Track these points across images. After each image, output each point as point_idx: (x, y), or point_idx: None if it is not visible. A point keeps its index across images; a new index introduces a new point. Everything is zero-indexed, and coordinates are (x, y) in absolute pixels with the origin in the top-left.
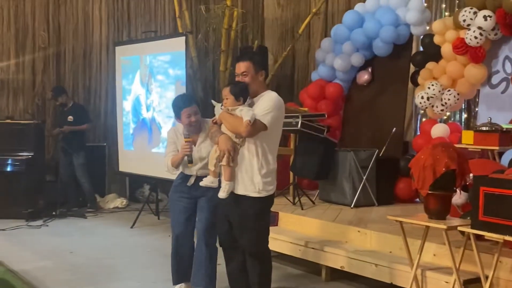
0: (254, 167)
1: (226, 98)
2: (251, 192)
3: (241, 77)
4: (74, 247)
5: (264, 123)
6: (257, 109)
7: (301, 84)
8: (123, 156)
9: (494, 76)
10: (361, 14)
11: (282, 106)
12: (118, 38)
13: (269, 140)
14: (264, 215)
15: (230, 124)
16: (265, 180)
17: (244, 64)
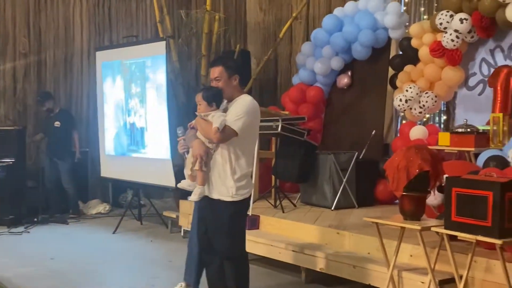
0: (227, 171)
1: (199, 103)
2: (225, 196)
3: (215, 82)
4: (55, 254)
5: (234, 129)
6: (229, 114)
7: (284, 88)
8: (106, 161)
9: (471, 78)
10: (340, 18)
11: (256, 110)
12: (99, 43)
13: (243, 145)
14: (238, 219)
15: (203, 129)
16: (238, 184)
17: (217, 69)
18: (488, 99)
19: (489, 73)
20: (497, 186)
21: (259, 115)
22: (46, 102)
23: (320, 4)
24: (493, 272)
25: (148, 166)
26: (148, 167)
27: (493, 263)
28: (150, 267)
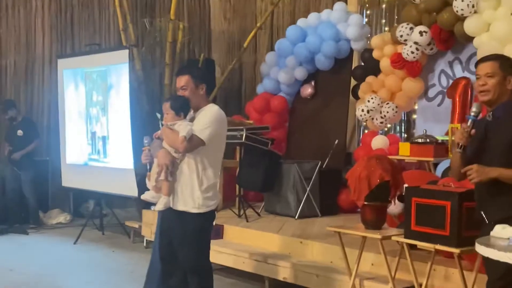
0: (194, 182)
1: (167, 113)
2: (191, 208)
3: (181, 91)
4: (14, 265)
5: (202, 138)
6: (196, 124)
7: (249, 97)
8: (67, 170)
9: (431, 89)
10: (303, 29)
11: (223, 120)
12: (61, 51)
13: (210, 155)
14: (204, 231)
15: (169, 139)
16: (205, 195)
17: (183, 78)
18: (447, 110)
19: (448, 84)
20: (454, 196)
21: (226, 125)
22: (9, 111)
23: (284, 14)
24: (452, 280)
25: (110, 176)
26: (110, 176)
27: (452, 271)
28: (112, 278)
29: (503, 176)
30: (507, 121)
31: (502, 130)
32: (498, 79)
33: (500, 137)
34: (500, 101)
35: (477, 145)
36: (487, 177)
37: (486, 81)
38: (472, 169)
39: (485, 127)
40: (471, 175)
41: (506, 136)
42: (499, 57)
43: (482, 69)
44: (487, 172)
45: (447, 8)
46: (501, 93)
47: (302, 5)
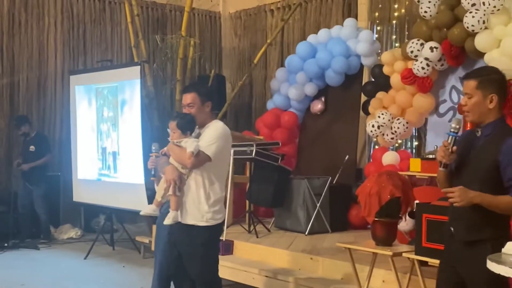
0: (201, 197)
1: (173, 131)
2: (199, 222)
3: (187, 108)
4: (25, 280)
5: (208, 154)
6: (202, 140)
7: (259, 113)
8: (78, 185)
9: (442, 105)
10: (313, 45)
11: (228, 135)
12: (74, 67)
13: (216, 170)
14: (212, 244)
15: (176, 155)
16: (213, 209)
17: (190, 96)
18: None
19: (458, 100)
20: None
21: (230, 140)
22: (22, 127)
23: (294, 30)
24: None
25: (120, 191)
26: (120, 191)
27: None
28: None
29: (484, 203)
30: (495, 141)
31: (488, 148)
32: (476, 99)
33: (485, 155)
34: (487, 119)
35: (461, 159)
36: (469, 202)
37: (466, 102)
38: (455, 192)
39: (472, 142)
40: (453, 198)
41: (491, 155)
42: (479, 75)
43: (464, 87)
44: (470, 197)
45: (458, 24)
46: (483, 112)
47: (312, 21)
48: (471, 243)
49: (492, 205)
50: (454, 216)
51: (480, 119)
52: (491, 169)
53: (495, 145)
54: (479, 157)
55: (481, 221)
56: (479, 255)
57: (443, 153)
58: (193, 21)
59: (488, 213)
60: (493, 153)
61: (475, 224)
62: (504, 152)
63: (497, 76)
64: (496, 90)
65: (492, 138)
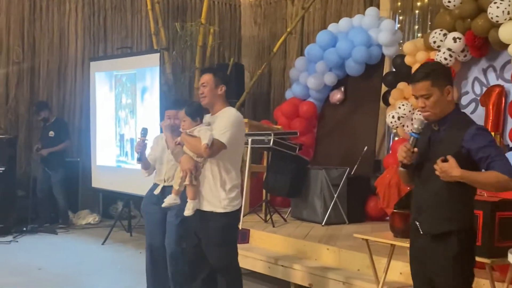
0: (217, 184)
1: (184, 120)
2: (217, 208)
3: (201, 88)
4: (43, 264)
5: (223, 142)
6: (215, 128)
7: (277, 102)
8: (97, 172)
9: (464, 97)
10: (334, 34)
11: (241, 122)
12: (94, 54)
13: (231, 157)
14: (230, 230)
15: (191, 145)
16: (230, 195)
17: (205, 76)
18: (480, 118)
19: (481, 92)
20: (487, 205)
21: (244, 126)
22: (41, 112)
23: (315, 19)
24: None
25: (138, 178)
26: (138, 178)
27: (482, 282)
28: (138, 278)
29: (469, 179)
30: (453, 133)
31: (447, 141)
32: (436, 97)
33: (448, 147)
34: (446, 112)
35: (420, 156)
36: (451, 178)
37: (425, 103)
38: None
39: (430, 137)
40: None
41: (451, 148)
42: (429, 74)
43: (416, 90)
44: (453, 175)
45: (482, 15)
46: (444, 106)
47: (333, 10)
48: (437, 236)
49: (480, 182)
50: (418, 210)
51: (441, 115)
52: (458, 159)
53: (458, 134)
54: (439, 149)
55: (446, 214)
56: (445, 249)
57: (405, 153)
58: (213, 9)
59: (453, 205)
60: (457, 143)
61: (440, 217)
62: (470, 139)
63: (441, 68)
64: (447, 80)
65: (452, 128)
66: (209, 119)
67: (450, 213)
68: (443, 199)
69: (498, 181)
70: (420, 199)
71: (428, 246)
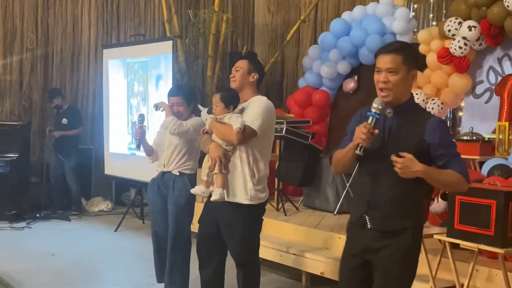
0: (246, 174)
1: (216, 105)
2: (243, 199)
3: (234, 72)
4: (56, 250)
5: (254, 129)
6: (246, 115)
7: (290, 91)
8: (110, 159)
9: (478, 86)
10: (348, 23)
11: (273, 111)
12: (107, 41)
13: (260, 147)
14: (254, 223)
15: (220, 132)
16: (257, 187)
17: (241, 61)
18: (494, 108)
19: (496, 81)
20: (501, 195)
21: (275, 116)
22: (54, 99)
23: (329, 7)
24: (495, 282)
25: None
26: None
27: (495, 272)
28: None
29: (429, 177)
30: (412, 123)
31: (406, 132)
32: (401, 76)
33: (403, 139)
34: (404, 98)
35: (373, 143)
36: (411, 174)
37: (388, 78)
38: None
39: (384, 124)
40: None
41: (410, 139)
42: (403, 48)
43: (383, 62)
44: (414, 171)
45: (498, 3)
46: (405, 90)
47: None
48: (390, 232)
49: (439, 180)
50: (368, 204)
51: (399, 99)
52: (417, 152)
53: (418, 125)
54: (396, 142)
55: (401, 210)
56: (397, 244)
57: (364, 135)
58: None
59: (408, 201)
60: (418, 135)
61: (395, 213)
62: (432, 132)
63: (416, 50)
64: (417, 65)
65: (410, 118)
66: (240, 107)
67: (405, 209)
68: (398, 194)
69: (455, 181)
70: (371, 192)
71: (376, 241)
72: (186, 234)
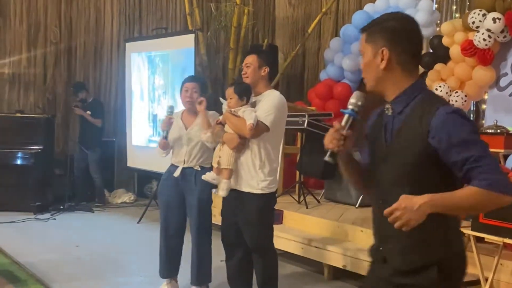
0: (256, 165)
1: (230, 98)
2: (254, 189)
3: (245, 68)
4: (80, 241)
5: (267, 124)
6: (259, 110)
7: (311, 83)
8: (132, 151)
9: (502, 78)
10: (370, 15)
11: (285, 105)
12: (129, 35)
13: (272, 140)
14: (266, 212)
15: (234, 125)
16: (268, 178)
17: (250, 56)
18: None
19: None
20: None
21: (286, 110)
22: (79, 93)
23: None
24: None
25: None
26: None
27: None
28: None
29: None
30: (416, 117)
31: (405, 138)
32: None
33: (408, 141)
34: (396, 86)
35: (374, 152)
36: (421, 217)
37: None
38: (398, 208)
39: (385, 126)
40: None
41: (418, 139)
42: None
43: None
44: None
45: None
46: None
47: None
48: (410, 272)
49: (453, 207)
50: (381, 235)
51: (382, 88)
52: (423, 158)
53: (420, 124)
54: (399, 146)
55: (423, 240)
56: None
57: (332, 137)
58: None
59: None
60: (420, 137)
61: (415, 246)
62: (436, 129)
63: (393, 24)
64: (388, 41)
65: (411, 114)
66: (253, 100)
67: (428, 237)
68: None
69: (481, 201)
70: (382, 221)
71: (395, 277)
72: (209, 227)
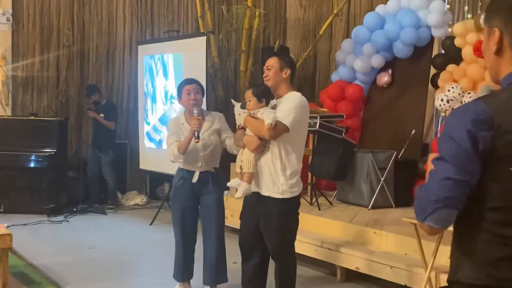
0: (277, 168)
1: (249, 100)
2: (275, 193)
3: (266, 71)
4: (93, 243)
5: (286, 124)
6: (279, 110)
7: (323, 85)
8: (144, 153)
9: None
10: (382, 16)
11: (306, 106)
12: (141, 37)
13: (293, 141)
14: (288, 216)
15: (253, 127)
16: (289, 181)
17: (271, 59)
18: None
19: None
20: None
21: (308, 111)
22: (92, 95)
23: (362, 1)
24: None
25: None
26: None
27: None
28: None
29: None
30: None
31: None
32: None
33: None
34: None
35: None
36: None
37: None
38: None
39: None
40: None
41: None
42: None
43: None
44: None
45: None
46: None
47: None
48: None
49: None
50: None
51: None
52: None
53: None
54: None
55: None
56: None
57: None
58: None
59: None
60: None
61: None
62: None
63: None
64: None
65: None
66: (274, 103)
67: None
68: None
69: None
70: None
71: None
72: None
